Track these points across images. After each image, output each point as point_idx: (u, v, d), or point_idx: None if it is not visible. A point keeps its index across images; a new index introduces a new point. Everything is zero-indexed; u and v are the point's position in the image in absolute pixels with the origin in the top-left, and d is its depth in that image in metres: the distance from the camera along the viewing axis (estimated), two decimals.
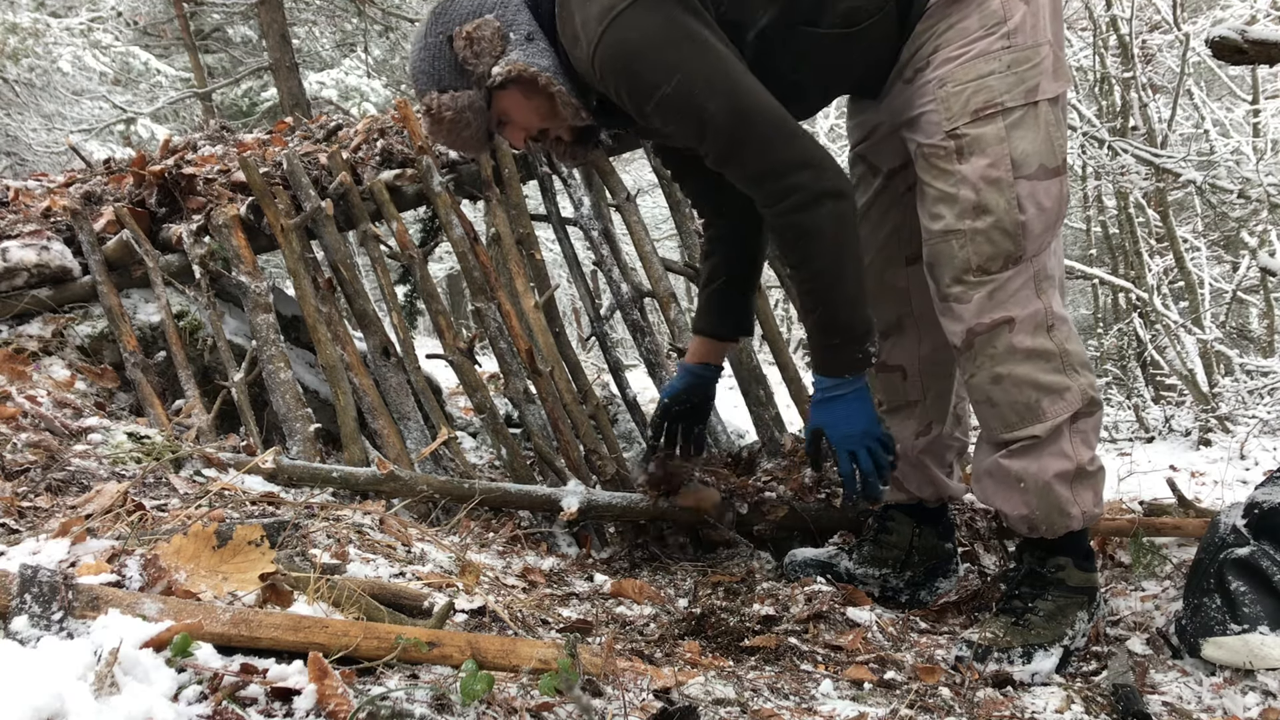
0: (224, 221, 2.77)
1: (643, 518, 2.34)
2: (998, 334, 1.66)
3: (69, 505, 1.60)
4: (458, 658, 1.16)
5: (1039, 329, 1.66)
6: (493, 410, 2.69)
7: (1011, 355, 1.65)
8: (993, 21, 1.62)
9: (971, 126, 1.62)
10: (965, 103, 1.62)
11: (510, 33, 1.66)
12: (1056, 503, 1.69)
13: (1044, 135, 1.63)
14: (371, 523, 1.82)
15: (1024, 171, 1.62)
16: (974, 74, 1.62)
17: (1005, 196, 1.62)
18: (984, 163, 1.62)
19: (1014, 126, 1.62)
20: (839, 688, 1.52)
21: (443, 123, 1.69)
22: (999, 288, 1.64)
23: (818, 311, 1.68)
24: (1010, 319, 1.65)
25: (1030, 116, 1.63)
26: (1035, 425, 1.67)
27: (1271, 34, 2.33)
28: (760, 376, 2.86)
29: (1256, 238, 6.02)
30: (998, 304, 1.65)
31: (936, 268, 1.70)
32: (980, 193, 1.62)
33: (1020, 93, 1.62)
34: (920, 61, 1.68)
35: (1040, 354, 1.66)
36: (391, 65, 14.25)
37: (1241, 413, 5.03)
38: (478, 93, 1.67)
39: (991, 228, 1.62)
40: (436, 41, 1.67)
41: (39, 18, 10.87)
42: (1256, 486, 1.78)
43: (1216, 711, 1.52)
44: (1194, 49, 5.84)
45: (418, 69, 1.70)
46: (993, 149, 1.62)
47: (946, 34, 1.64)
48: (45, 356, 2.70)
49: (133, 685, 0.90)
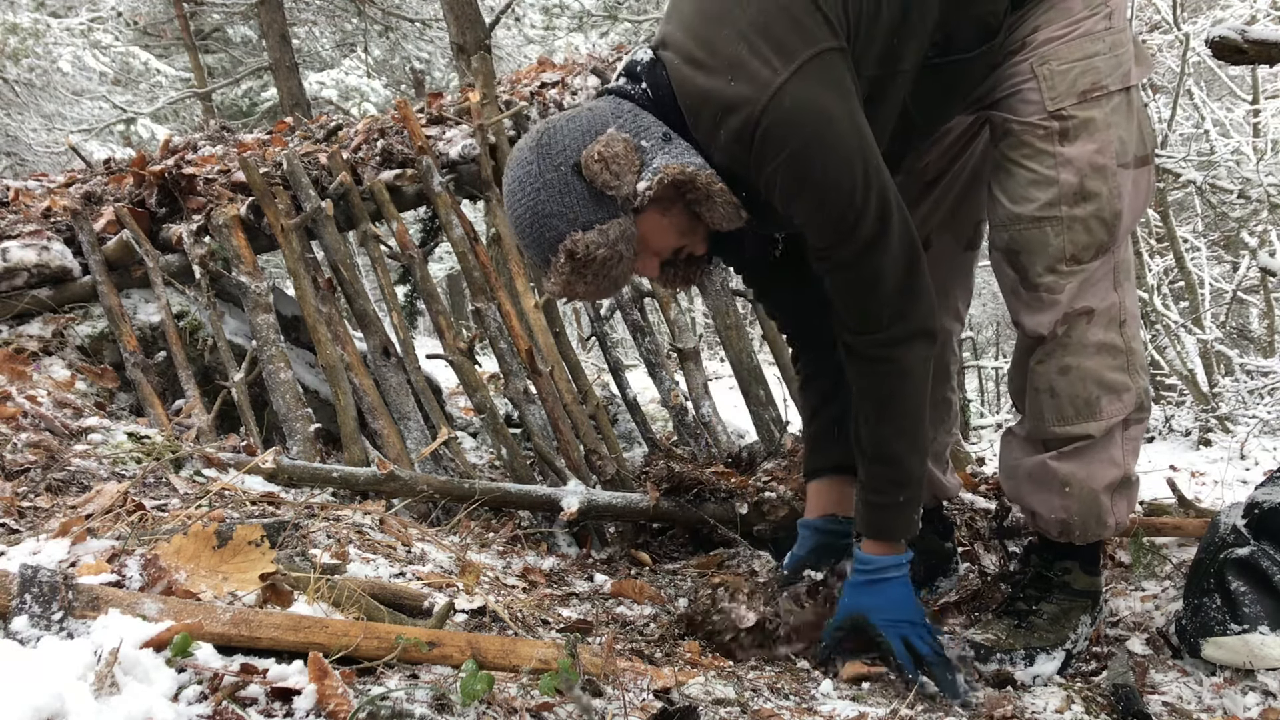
0: (224, 221, 2.77)
1: (643, 518, 2.34)
2: (1076, 324, 1.60)
3: (69, 505, 1.60)
4: (458, 658, 1.16)
5: (1112, 323, 1.61)
6: (493, 410, 2.69)
7: (1084, 347, 1.60)
8: (1097, 2, 1.55)
9: (1079, 108, 1.54)
10: (1072, 83, 1.53)
11: (643, 141, 1.44)
12: (1097, 511, 1.66)
13: (1136, 122, 1.58)
14: (371, 523, 1.82)
15: (1124, 159, 1.56)
16: (1080, 53, 1.54)
17: (1109, 184, 1.54)
18: (1092, 147, 1.54)
19: (1115, 111, 1.55)
20: (839, 688, 1.52)
21: (593, 264, 1.42)
22: (1088, 278, 1.58)
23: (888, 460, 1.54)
24: (1090, 310, 1.59)
25: (1125, 102, 1.56)
26: (1090, 423, 1.61)
27: (1271, 34, 2.33)
28: (760, 376, 2.86)
29: (1256, 238, 6.02)
30: (1084, 293, 1.59)
31: (1025, 254, 1.59)
32: (1085, 179, 1.54)
33: (1119, 76, 1.55)
34: (1014, 43, 1.57)
35: (1110, 349, 1.61)
36: (391, 65, 14.26)
37: (1241, 413, 5.03)
38: (627, 219, 1.43)
39: (1091, 216, 1.55)
40: (558, 176, 1.42)
41: (39, 18, 10.87)
42: (1256, 486, 1.78)
43: (1216, 711, 1.52)
44: (1194, 49, 5.83)
45: (540, 214, 1.42)
46: (1101, 134, 1.54)
47: (1048, 14, 1.55)
48: (45, 356, 2.70)
49: (133, 685, 0.90)
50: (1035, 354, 1.64)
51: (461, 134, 3.15)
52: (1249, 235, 6.22)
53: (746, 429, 3.44)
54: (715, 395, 2.84)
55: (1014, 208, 1.59)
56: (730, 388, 3.04)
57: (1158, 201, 6.60)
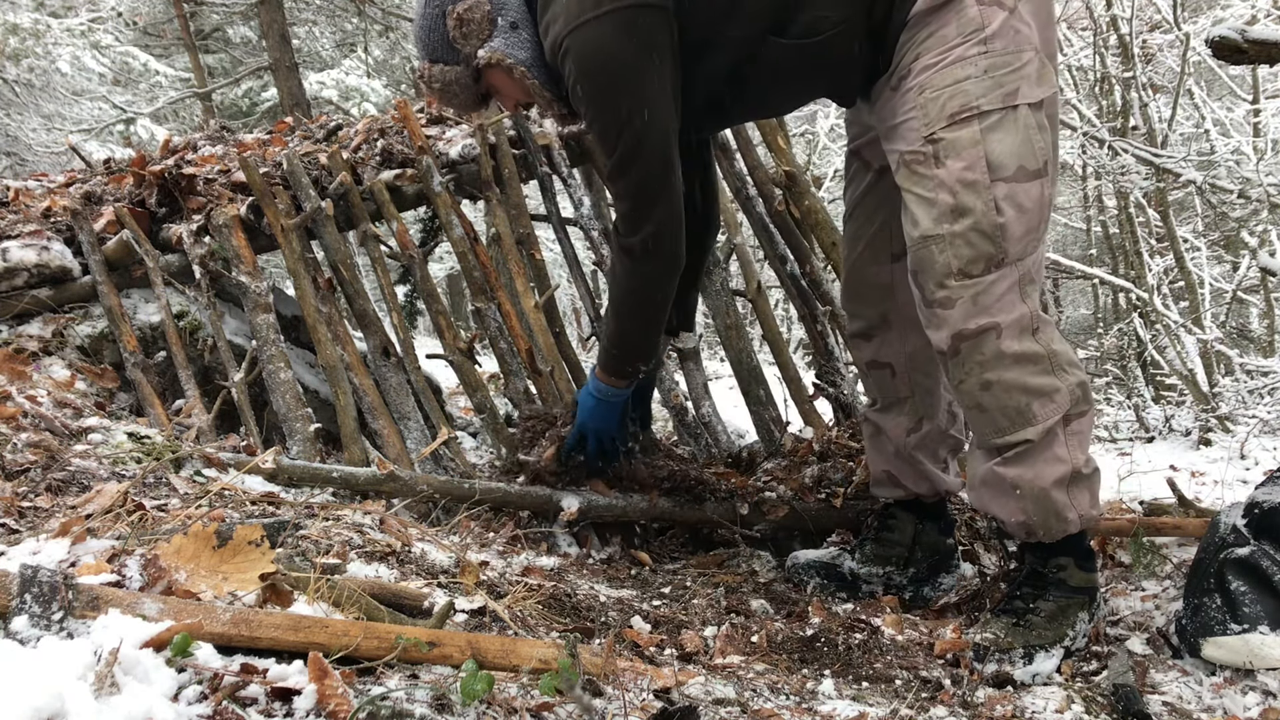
0: (224, 221, 2.77)
1: (643, 518, 2.34)
2: (984, 340, 1.65)
3: (69, 505, 1.60)
4: (458, 658, 1.16)
5: (1025, 332, 1.65)
6: (493, 410, 2.69)
7: (1000, 361, 1.64)
8: (970, 29, 1.61)
9: (948, 130, 1.62)
10: (941, 107, 1.63)
11: (498, 18, 1.77)
12: (1053, 508, 1.68)
13: (1023, 138, 1.62)
14: (371, 523, 1.82)
15: (1001, 174, 1.61)
16: (950, 79, 1.62)
17: (982, 198, 1.61)
18: (960, 165, 1.61)
19: (991, 129, 1.61)
20: (839, 687, 1.52)
21: (433, 90, 1.85)
22: (982, 292, 1.63)
23: (612, 327, 1.97)
24: (996, 324, 1.64)
25: (1009, 119, 1.62)
26: (1027, 429, 1.66)
27: (1271, 34, 2.33)
28: (760, 376, 2.86)
29: (1256, 238, 6.02)
30: (982, 309, 1.64)
31: (920, 274, 1.69)
32: (957, 195, 1.62)
33: (998, 96, 1.61)
34: (904, 70, 1.68)
35: (1028, 357, 1.65)
36: (391, 65, 14.25)
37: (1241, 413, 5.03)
38: (465, 70, 1.81)
39: (969, 230, 1.62)
40: (433, 14, 1.79)
41: (39, 18, 10.87)
42: (1256, 486, 1.78)
43: (1216, 711, 1.52)
44: (1194, 49, 5.84)
45: (416, 35, 1.84)
46: (968, 151, 1.61)
47: (926, 42, 1.65)
48: (45, 356, 2.70)
49: (133, 685, 0.90)
50: (951, 373, 1.71)
51: (461, 134, 3.15)
52: (1249, 235, 6.22)
53: (746, 429, 3.44)
54: (715, 395, 2.84)
55: (911, 231, 1.69)
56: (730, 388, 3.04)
57: (1158, 201, 6.60)
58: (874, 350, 2.04)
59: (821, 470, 2.43)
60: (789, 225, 2.91)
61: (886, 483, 2.12)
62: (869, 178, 1.96)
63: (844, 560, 2.10)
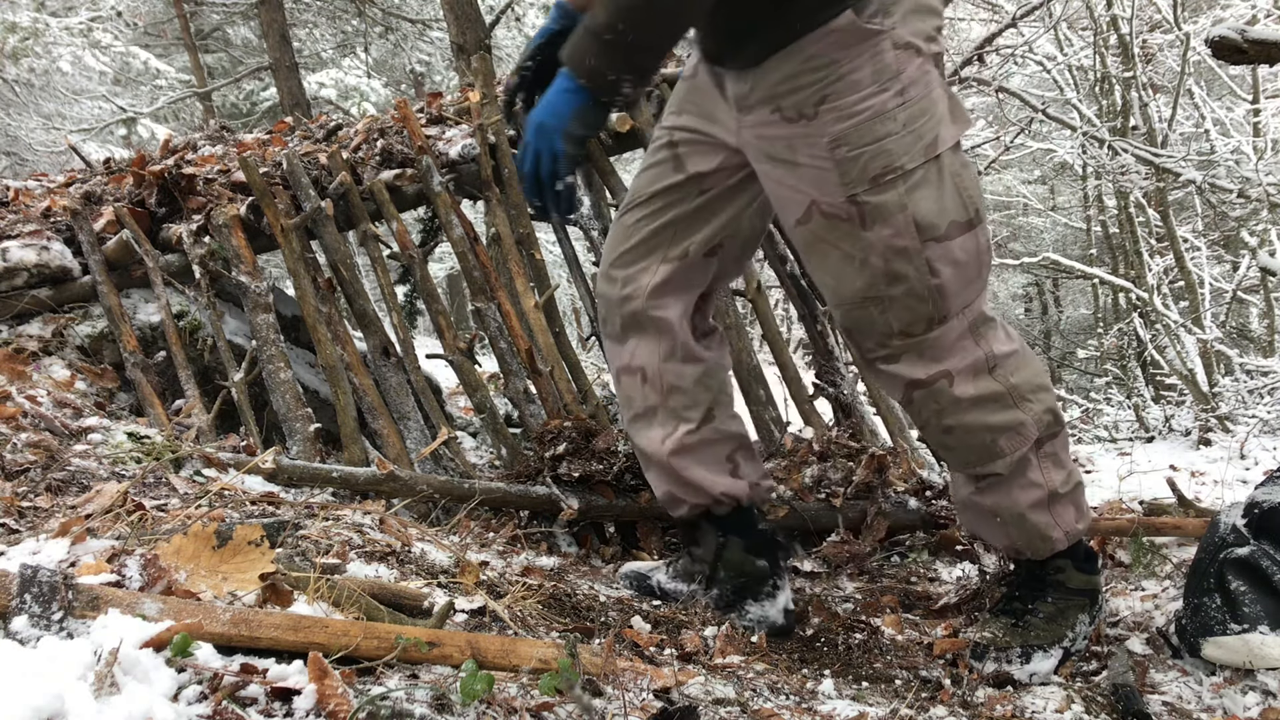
0: (224, 221, 2.77)
1: (643, 517, 2.34)
2: (938, 390, 1.59)
3: (69, 505, 1.60)
4: (458, 658, 1.16)
5: (980, 374, 1.59)
6: (493, 410, 2.69)
7: (956, 406, 1.59)
8: (887, 76, 1.47)
9: (871, 194, 1.50)
10: (863, 168, 1.49)
11: None
12: (1036, 530, 1.66)
13: (950, 189, 1.52)
14: (371, 522, 1.82)
15: (932, 234, 1.51)
16: (871, 137, 1.48)
17: (914, 264, 1.52)
18: (888, 233, 1.51)
19: (915, 188, 1.50)
20: (839, 687, 1.52)
21: None
22: (929, 345, 1.57)
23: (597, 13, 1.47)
24: (948, 372, 1.58)
25: (933, 173, 1.51)
26: (997, 462, 1.62)
27: (1271, 34, 2.33)
28: (760, 376, 2.86)
29: (1256, 238, 6.01)
30: (932, 359, 1.58)
31: (857, 334, 1.62)
32: (890, 262, 1.52)
33: (919, 150, 1.49)
34: (803, 101, 1.50)
35: (986, 398, 1.59)
36: (391, 65, 14.25)
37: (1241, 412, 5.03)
38: None
39: (905, 295, 1.53)
40: None
41: (39, 17, 10.86)
42: (1256, 486, 1.78)
43: (1216, 711, 1.52)
44: (1194, 48, 5.84)
45: None
46: (895, 218, 1.50)
47: (836, 84, 1.48)
48: (45, 356, 2.70)
49: (133, 685, 0.90)
50: (912, 417, 1.67)
51: (461, 134, 3.15)
52: (1249, 235, 6.22)
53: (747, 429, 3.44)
54: None
55: (840, 288, 1.59)
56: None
57: (1158, 201, 6.60)
58: (628, 355, 1.81)
59: (821, 470, 2.43)
60: None
61: (669, 501, 1.88)
62: (676, 178, 1.73)
63: (657, 574, 1.96)
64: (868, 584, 2.22)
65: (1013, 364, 1.62)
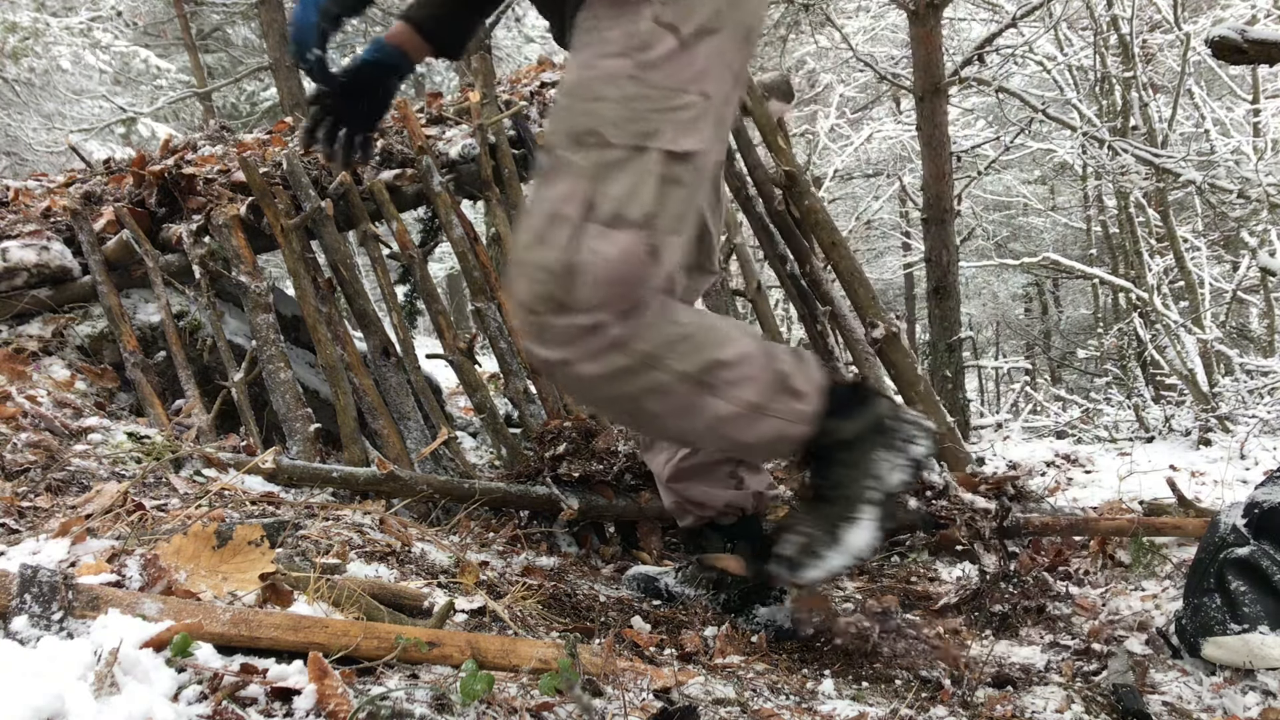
0: (224, 221, 2.77)
1: (642, 517, 2.34)
2: (557, 373, 1.44)
3: (69, 505, 1.60)
4: (458, 658, 1.16)
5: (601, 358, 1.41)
6: (493, 410, 2.69)
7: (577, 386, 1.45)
8: (633, 44, 1.36)
9: (566, 150, 1.37)
10: (570, 124, 1.38)
11: None
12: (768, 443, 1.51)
13: (648, 190, 1.35)
14: (371, 522, 1.82)
15: (597, 216, 1.34)
16: (589, 94, 1.38)
17: (563, 235, 1.34)
18: (559, 192, 1.36)
19: (607, 165, 1.35)
20: (839, 687, 1.52)
21: None
22: (546, 329, 1.37)
23: None
24: (566, 360, 1.39)
25: (633, 162, 1.35)
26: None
27: (1271, 34, 2.33)
28: None
29: (1256, 238, 6.02)
30: (549, 345, 1.38)
31: (509, 298, 1.50)
32: (545, 223, 1.36)
33: (630, 132, 1.35)
34: (573, 52, 1.44)
35: (617, 373, 1.42)
36: None
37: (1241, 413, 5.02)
38: None
39: (537, 266, 1.35)
40: None
41: (39, 17, 10.86)
42: (1256, 486, 1.78)
43: (1216, 711, 1.52)
44: (1194, 48, 5.84)
45: None
46: (572, 181, 1.36)
47: (589, 35, 1.40)
48: (45, 356, 2.70)
49: (133, 685, 0.90)
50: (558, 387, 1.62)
51: (461, 134, 3.15)
52: (1249, 235, 6.22)
53: None
54: None
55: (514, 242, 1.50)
56: None
57: (1158, 201, 6.61)
58: None
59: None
60: (789, 225, 2.91)
61: (675, 511, 1.93)
62: None
63: (665, 577, 1.97)
64: (868, 584, 2.22)
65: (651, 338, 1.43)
